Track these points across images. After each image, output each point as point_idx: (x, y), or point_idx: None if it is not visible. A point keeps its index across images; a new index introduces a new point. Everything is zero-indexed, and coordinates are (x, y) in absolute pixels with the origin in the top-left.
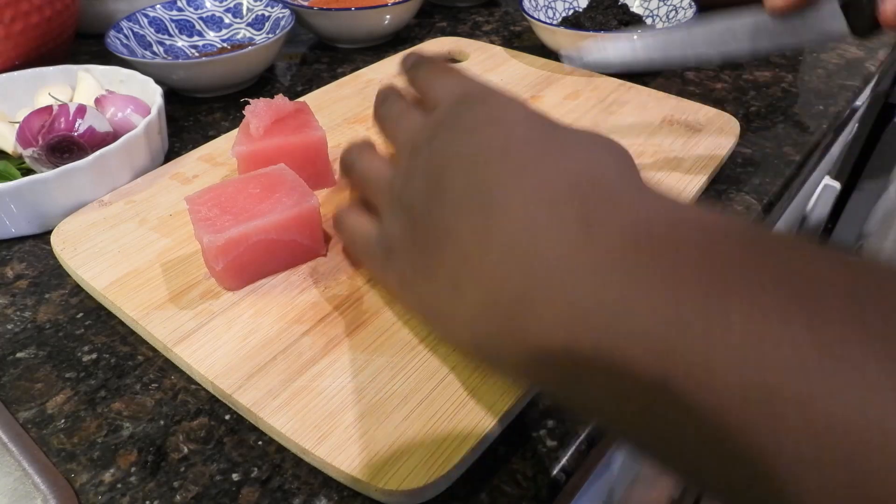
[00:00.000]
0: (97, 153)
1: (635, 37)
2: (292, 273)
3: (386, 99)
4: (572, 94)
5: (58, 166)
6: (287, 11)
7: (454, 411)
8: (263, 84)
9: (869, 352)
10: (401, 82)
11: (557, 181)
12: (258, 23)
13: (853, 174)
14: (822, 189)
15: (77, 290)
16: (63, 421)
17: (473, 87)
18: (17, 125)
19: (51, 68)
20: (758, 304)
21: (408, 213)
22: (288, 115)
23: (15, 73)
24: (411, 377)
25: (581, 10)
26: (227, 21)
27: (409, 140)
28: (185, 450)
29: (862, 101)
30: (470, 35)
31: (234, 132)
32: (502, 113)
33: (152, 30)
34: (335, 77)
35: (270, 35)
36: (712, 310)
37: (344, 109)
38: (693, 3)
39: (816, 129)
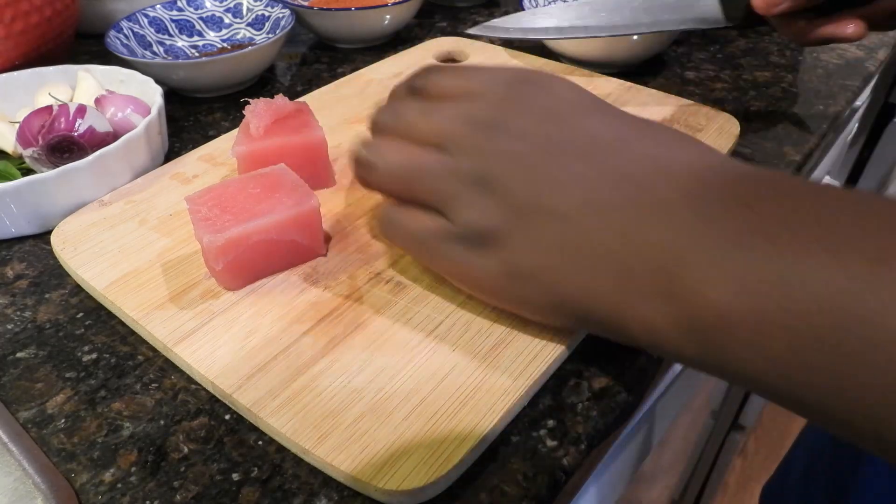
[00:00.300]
0: (97, 153)
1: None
2: (292, 273)
3: (392, 103)
4: None
5: (58, 166)
6: (287, 11)
7: (454, 411)
8: (263, 84)
9: None
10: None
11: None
12: (258, 23)
13: (853, 174)
14: None
15: (77, 290)
16: (63, 421)
17: (508, 70)
18: (17, 125)
19: (51, 68)
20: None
21: (499, 195)
22: (288, 115)
23: (15, 73)
24: (411, 377)
25: None
26: (227, 21)
27: (460, 124)
28: (186, 450)
29: (862, 101)
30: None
31: (234, 132)
32: (557, 89)
33: (152, 30)
34: (335, 77)
35: (270, 35)
36: (879, 274)
37: (344, 109)
38: None
39: (816, 129)
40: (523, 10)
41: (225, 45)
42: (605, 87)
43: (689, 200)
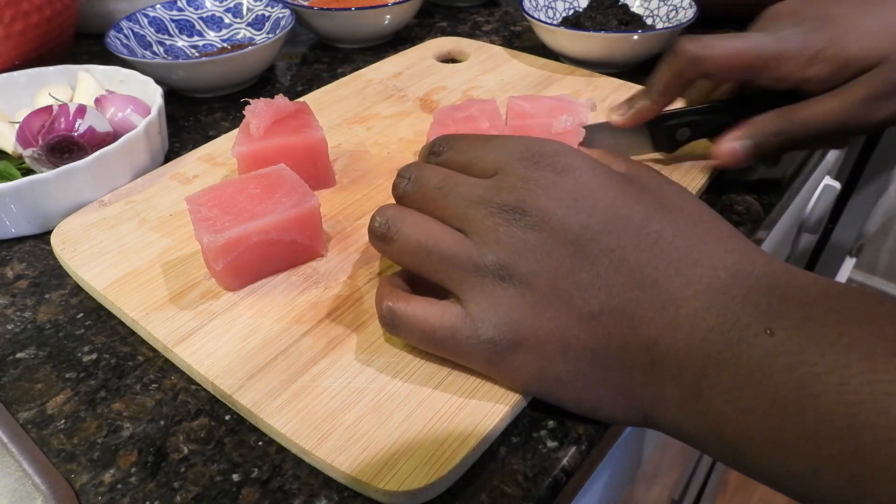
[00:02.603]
0: (97, 153)
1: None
2: (292, 273)
3: (413, 169)
4: (572, 94)
5: (58, 166)
6: (287, 11)
7: (455, 412)
8: (263, 84)
9: None
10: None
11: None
12: (258, 23)
13: (853, 174)
14: (822, 189)
15: (77, 290)
16: (63, 421)
17: (523, 142)
18: (17, 125)
19: (51, 68)
20: None
21: (521, 288)
22: (288, 115)
23: (15, 73)
24: (412, 377)
25: (581, 10)
26: (227, 21)
27: (481, 209)
28: (186, 450)
29: None
30: (470, 35)
31: (234, 132)
32: (576, 167)
33: (152, 30)
34: (335, 77)
35: (270, 35)
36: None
37: (344, 109)
38: (693, 3)
39: None
40: (524, 10)
41: (225, 45)
42: (605, 87)
43: (711, 314)
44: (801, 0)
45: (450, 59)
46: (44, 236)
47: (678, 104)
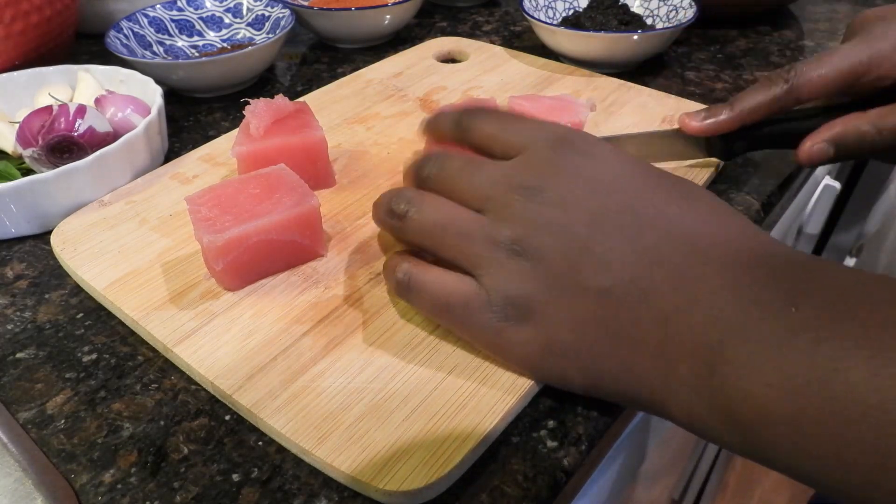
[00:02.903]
0: (97, 153)
1: None
2: (292, 273)
3: (435, 155)
4: (572, 94)
5: (58, 166)
6: (287, 11)
7: (454, 412)
8: (263, 84)
9: None
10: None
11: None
12: (258, 23)
13: (853, 174)
14: (822, 189)
15: (77, 290)
16: (63, 421)
17: (551, 128)
18: (17, 125)
19: (51, 68)
20: None
21: (536, 264)
22: (288, 115)
23: (15, 73)
24: (411, 378)
25: (581, 10)
26: (227, 21)
27: (503, 189)
28: (186, 450)
29: None
30: (470, 35)
31: (234, 132)
32: (600, 155)
33: (152, 30)
34: (335, 77)
35: (270, 35)
36: None
37: (344, 109)
38: (693, 3)
39: None
40: (524, 10)
41: (225, 45)
42: (606, 87)
43: (731, 290)
44: (890, 6)
45: (450, 59)
46: (44, 236)
47: None
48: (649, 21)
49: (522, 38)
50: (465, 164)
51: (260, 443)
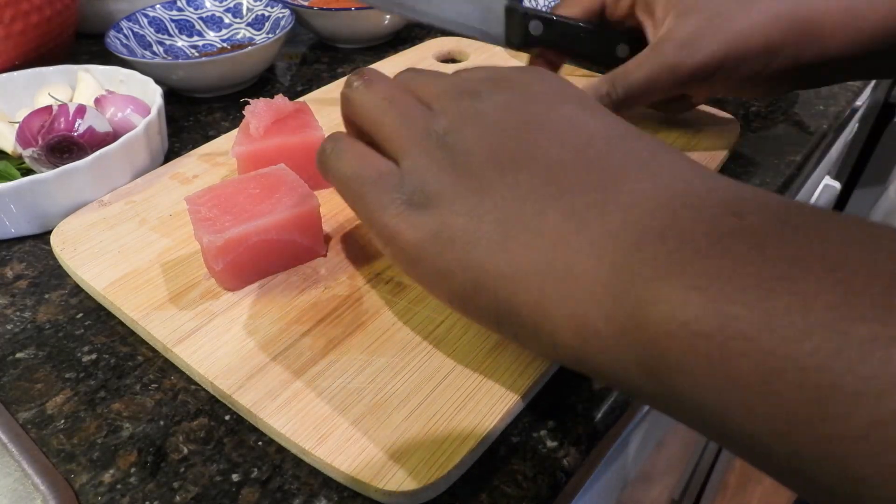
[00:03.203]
0: (97, 153)
1: None
2: (292, 273)
3: (374, 81)
4: None
5: (58, 166)
6: (287, 11)
7: (454, 412)
8: (263, 84)
9: None
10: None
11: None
12: (258, 23)
13: (853, 174)
14: (822, 189)
15: (77, 290)
16: (63, 421)
17: (494, 69)
18: (17, 125)
19: (51, 68)
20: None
21: (460, 155)
22: (288, 115)
23: (15, 73)
24: (411, 377)
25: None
26: (227, 21)
27: (453, 91)
28: (185, 450)
29: (862, 101)
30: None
31: (234, 132)
32: (554, 81)
33: (152, 30)
34: (335, 77)
35: (270, 35)
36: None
37: None
38: None
39: (816, 129)
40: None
41: (225, 45)
42: None
43: (664, 224)
44: None
45: (450, 59)
46: (43, 236)
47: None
48: None
49: None
50: (433, 73)
51: (260, 443)
